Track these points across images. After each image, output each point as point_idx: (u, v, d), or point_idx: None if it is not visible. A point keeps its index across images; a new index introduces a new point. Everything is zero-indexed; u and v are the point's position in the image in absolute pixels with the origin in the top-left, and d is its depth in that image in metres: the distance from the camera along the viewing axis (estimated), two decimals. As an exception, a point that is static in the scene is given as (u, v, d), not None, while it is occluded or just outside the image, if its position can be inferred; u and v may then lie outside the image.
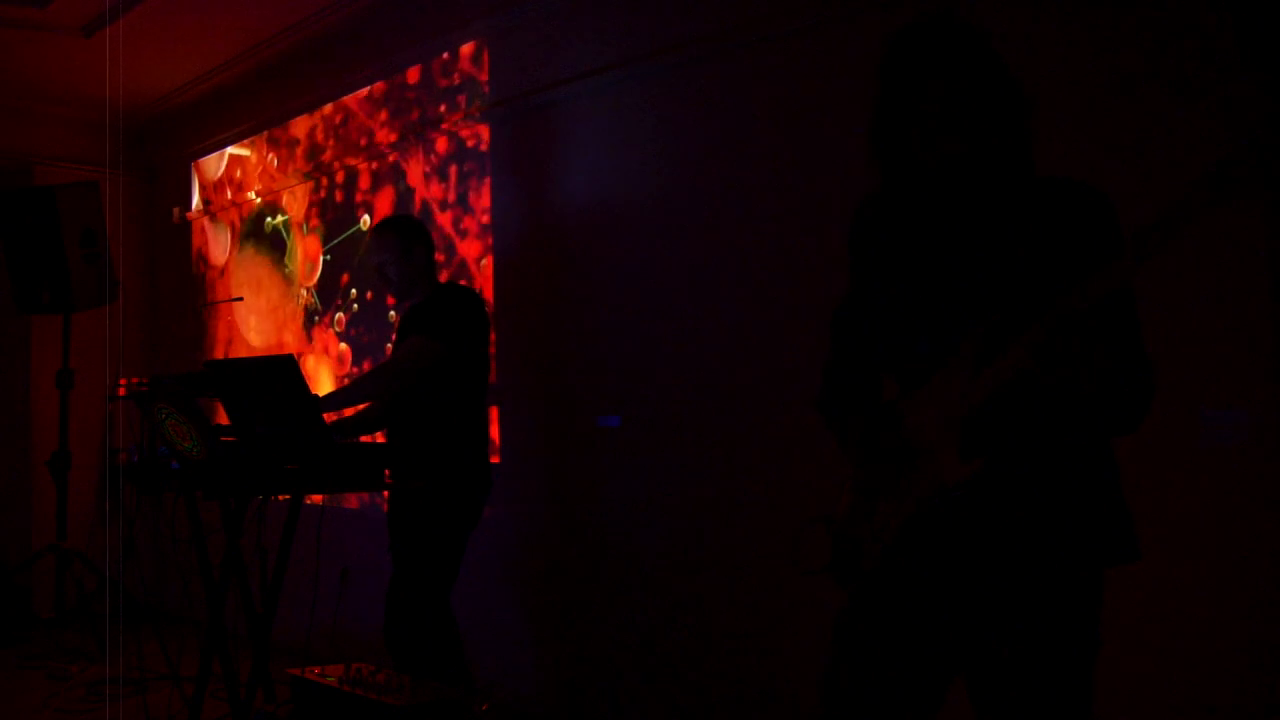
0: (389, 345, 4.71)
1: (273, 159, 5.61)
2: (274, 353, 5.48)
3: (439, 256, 4.29)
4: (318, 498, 4.12)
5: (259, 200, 5.71)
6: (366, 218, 4.92)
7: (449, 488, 3.43)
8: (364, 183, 4.95)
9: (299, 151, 5.42)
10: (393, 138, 4.77)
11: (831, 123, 3.17)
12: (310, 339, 5.32)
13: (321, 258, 5.25)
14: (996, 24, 1.74)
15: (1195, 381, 2.39)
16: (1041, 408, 1.62)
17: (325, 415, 3.21)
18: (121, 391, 3.55)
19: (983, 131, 1.65)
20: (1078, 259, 1.57)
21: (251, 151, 5.81)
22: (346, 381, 5.00)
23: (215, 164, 6.13)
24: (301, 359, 5.27)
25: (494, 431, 4.25)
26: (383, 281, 3.63)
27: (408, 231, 3.61)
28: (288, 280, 5.49)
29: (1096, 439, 1.68)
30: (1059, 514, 1.64)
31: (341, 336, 5.09)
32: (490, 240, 4.30)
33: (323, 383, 5.19)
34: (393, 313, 4.71)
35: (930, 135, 1.66)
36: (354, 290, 5.02)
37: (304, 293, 5.37)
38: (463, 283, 4.26)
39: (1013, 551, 1.65)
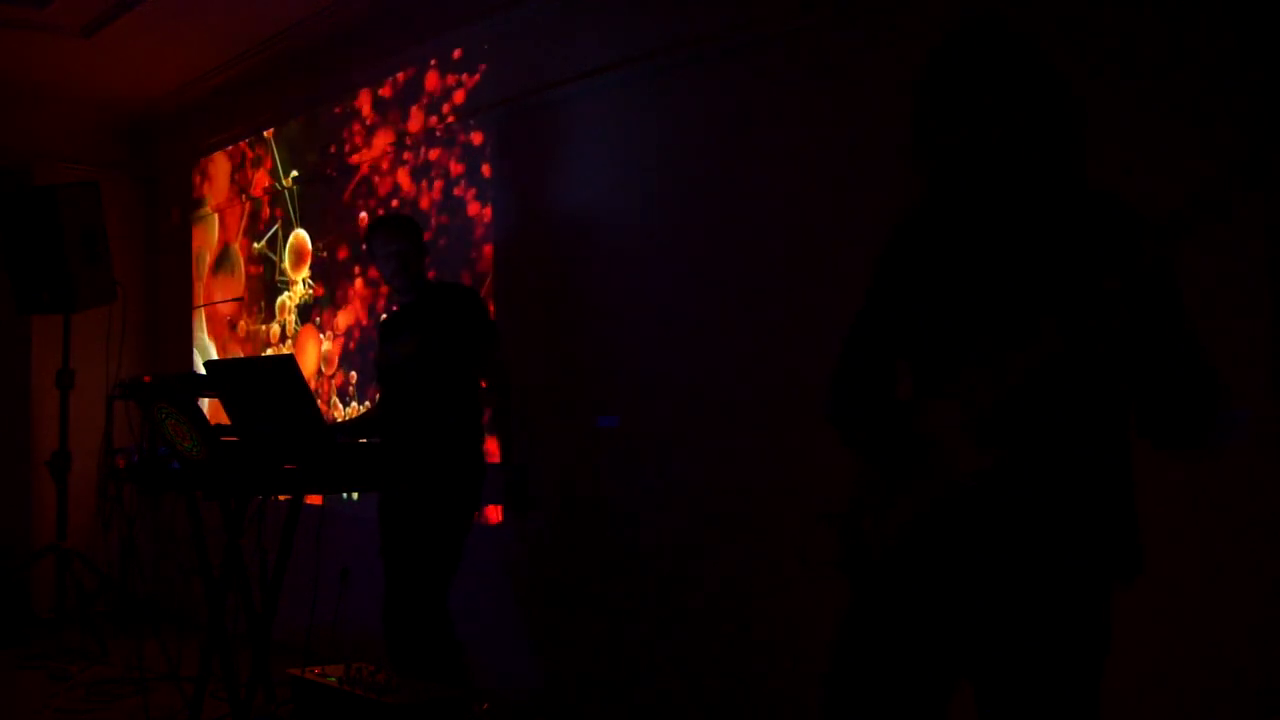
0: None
1: (274, 158, 5.62)
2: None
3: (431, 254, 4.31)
4: (318, 498, 4.12)
5: (254, 200, 5.72)
6: (364, 214, 4.92)
7: (450, 487, 3.43)
8: (363, 182, 4.95)
9: (298, 151, 5.42)
10: (393, 137, 4.77)
11: (837, 123, 3.16)
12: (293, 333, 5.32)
13: (313, 253, 5.26)
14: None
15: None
16: (1063, 405, 1.62)
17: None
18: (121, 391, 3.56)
19: (1030, 139, 1.63)
20: (1094, 270, 1.56)
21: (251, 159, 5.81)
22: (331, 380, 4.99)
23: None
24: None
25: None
26: (401, 271, 3.62)
27: (419, 233, 3.69)
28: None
29: (1123, 449, 1.67)
30: (1075, 525, 1.63)
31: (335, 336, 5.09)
32: (490, 240, 4.30)
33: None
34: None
35: (975, 156, 1.64)
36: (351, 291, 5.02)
37: (301, 286, 5.37)
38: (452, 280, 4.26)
39: (1025, 557, 1.64)
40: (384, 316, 3.85)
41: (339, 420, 4.34)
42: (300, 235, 5.41)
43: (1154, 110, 2.51)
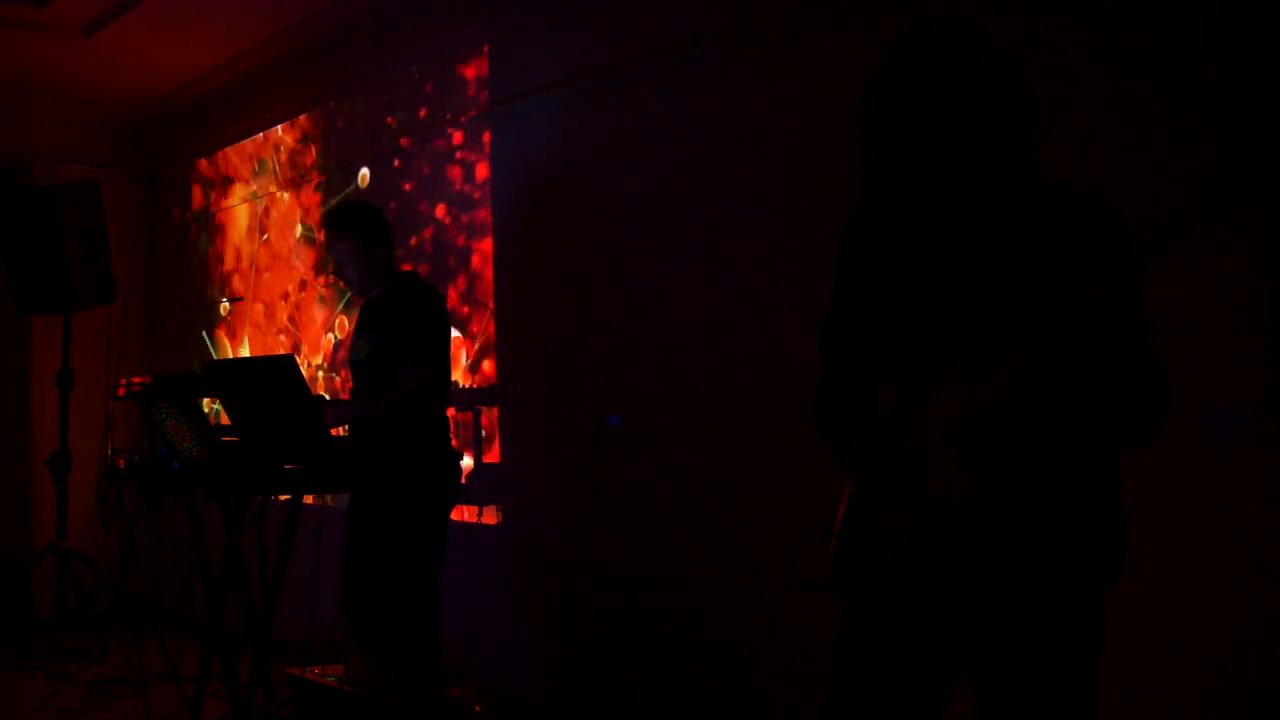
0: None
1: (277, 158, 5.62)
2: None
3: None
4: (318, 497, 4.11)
5: (259, 201, 5.72)
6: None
7: (436, 484, 3.42)
8: (363, 180, 4.95)
9: (299, 150, 5.43)
10: (394, 134, 4.77)
11: (838, 122, 3.16)
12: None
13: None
14: (996, 28, 1.73)
15: (1195, 381, 2.39)
16: (1048, 416, 1.62)
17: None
18: (121, 391, 3.55)
19: (982, 145, 1.64)
20: (1085, 270, 1.57)
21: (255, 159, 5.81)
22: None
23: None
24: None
25: (494, 431, 4.26)
26: (339, 278, 3.58)
27: (366, 227, 3.50)
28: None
29: (1104, 452, 1.68)
30: (1069, 533, 1.64)
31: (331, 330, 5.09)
32: (490, 239, 4.30)
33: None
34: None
35: (928, 150, 1.65)
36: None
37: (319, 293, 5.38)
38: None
39: (1021, 567, 1.65)
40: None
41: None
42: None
43: (1151, 110, 2.51)
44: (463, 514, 4.27)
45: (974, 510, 1.63)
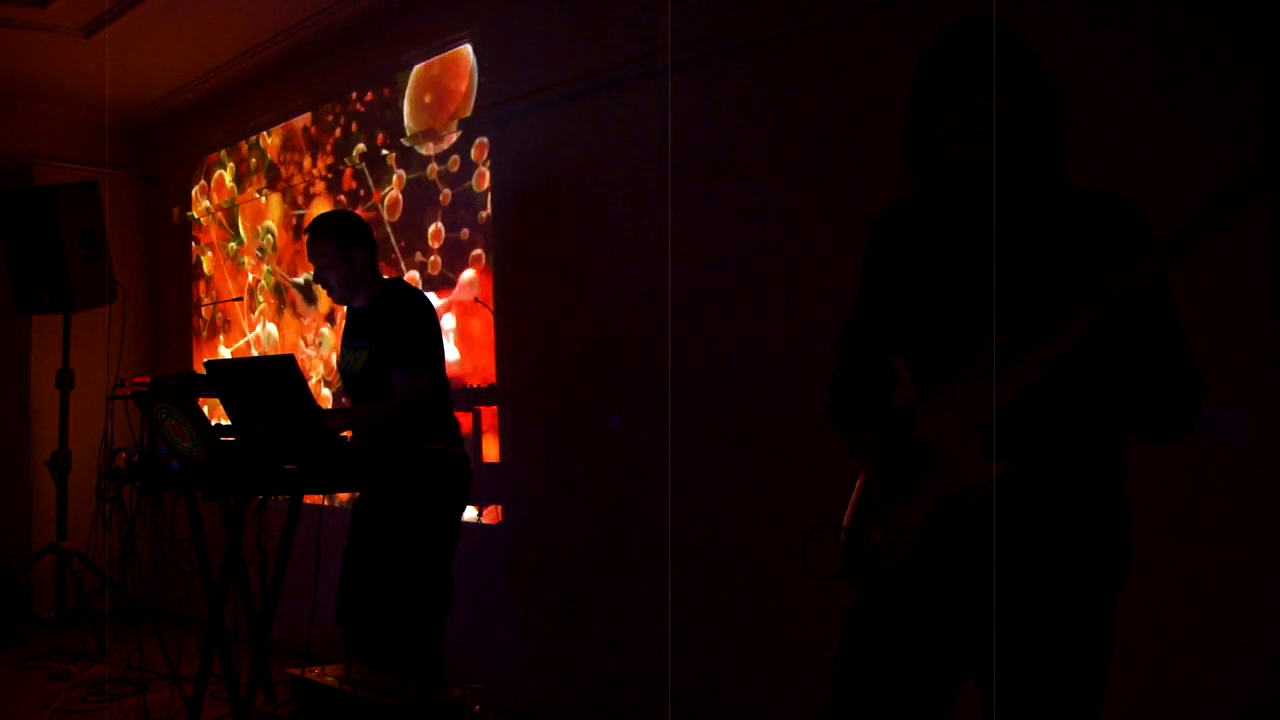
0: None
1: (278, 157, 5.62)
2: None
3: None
4: (318, 498, 4.12)
5: (261, 199, 5.72)
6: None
7: (446, 484, 3.42)
8: (362, 182, 4.95)
9: (298, 152, 5.43)
10: (394, 133, 4.77)
11: (847, 123, 3.16)
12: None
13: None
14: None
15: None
16: (1065, 412, 1.62)
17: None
18: (121, 391, 3.56)
19: (1021, 147, 1.63)
20: (1107, 266, 1.56)
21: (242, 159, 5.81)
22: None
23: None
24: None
25: (495, 431, 4.26)
26: (322, 286, 3.60)
27: (343, 233, 3.51)
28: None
29: (1118, 451, 1.68)
30: (1081, 531, 1.64)
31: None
32: (490, 240, 4.30)
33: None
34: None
35: (968, 149, 1.63)
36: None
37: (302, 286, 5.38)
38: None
39: (1032, 564, 1.65)
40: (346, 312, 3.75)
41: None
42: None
43: (1155, 112, 2.51)
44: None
45: (985, 505, 1.63)
